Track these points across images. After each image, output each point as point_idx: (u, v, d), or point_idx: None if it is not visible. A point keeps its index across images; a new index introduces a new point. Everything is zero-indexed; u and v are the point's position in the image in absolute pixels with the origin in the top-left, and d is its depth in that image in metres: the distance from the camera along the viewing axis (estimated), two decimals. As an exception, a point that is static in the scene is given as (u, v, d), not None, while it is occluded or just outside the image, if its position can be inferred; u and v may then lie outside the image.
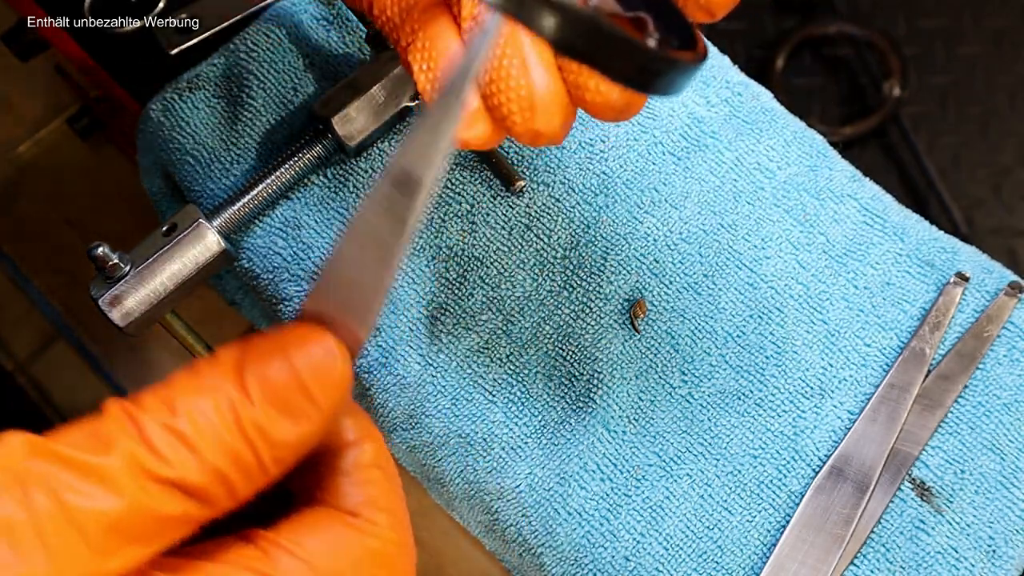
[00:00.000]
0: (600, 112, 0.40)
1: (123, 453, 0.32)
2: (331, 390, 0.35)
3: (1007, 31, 0.91)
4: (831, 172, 0.60)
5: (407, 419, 0.57)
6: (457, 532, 0.68)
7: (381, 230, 0.37)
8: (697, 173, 0.59)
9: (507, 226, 0.57)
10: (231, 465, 0.33)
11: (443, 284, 0.57)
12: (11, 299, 0.88)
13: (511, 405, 0.55)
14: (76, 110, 0.84)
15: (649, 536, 0.53)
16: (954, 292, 0.57)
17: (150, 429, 0.33)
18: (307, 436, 0.35)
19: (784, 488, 0.54)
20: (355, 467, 0.38)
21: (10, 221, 0.85)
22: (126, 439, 0.33)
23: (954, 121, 0.88)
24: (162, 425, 0.33)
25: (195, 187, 0.59)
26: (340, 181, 0.58)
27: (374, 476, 0.38)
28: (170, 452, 0.33)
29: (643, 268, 0.57)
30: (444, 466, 0.56)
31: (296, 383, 0.34)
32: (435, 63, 0.41)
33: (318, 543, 0.35)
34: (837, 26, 0.89)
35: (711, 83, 0.61)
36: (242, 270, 0.59)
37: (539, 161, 0.58)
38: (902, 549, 0.53)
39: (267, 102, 0.59)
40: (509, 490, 0.55)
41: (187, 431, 0.33)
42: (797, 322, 0.57)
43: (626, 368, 0.56)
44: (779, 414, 0.55)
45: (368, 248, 0.37)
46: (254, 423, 0.34)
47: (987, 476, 0.54)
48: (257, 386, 0.34)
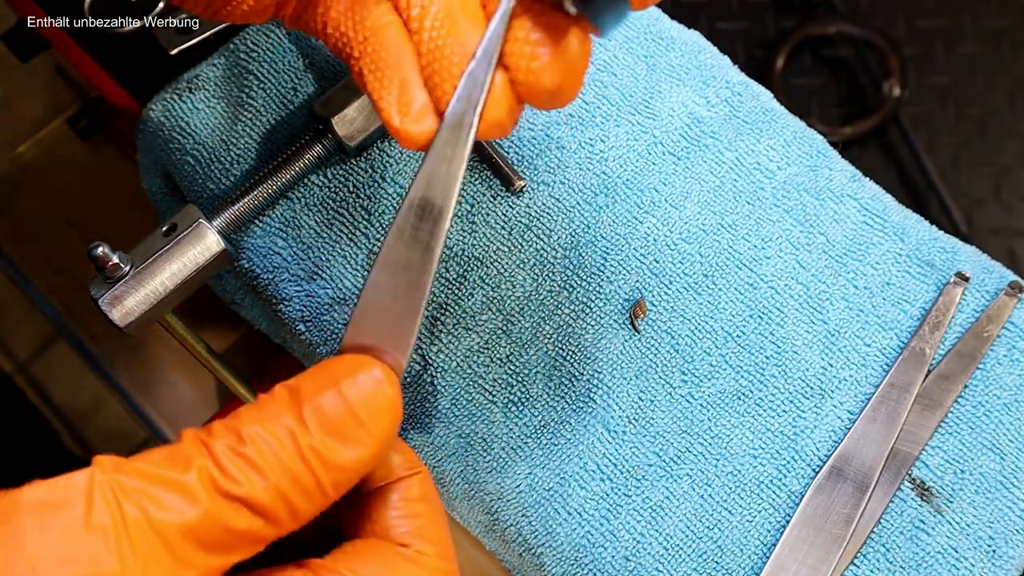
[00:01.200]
0: (533, 96, 0.40)
1: (199, 470, 0.36)
2: (381, 416, 0.38)
3: (1007, 31, 0.91)
4: (831, 172, 0.60)
5: (407, 419, 0.57)
6: (457, 532, 0.68)
7: (409, 259, 0.40)
8: (697, 173, 0.59)
9: (507, 226, 0.57)
10: (292, 485, 0.37)
11: (443, 284, 0.57)
12: (11, 299, 0.87)
13: (511, 405, 0.55)
14: (76, 110, 0.84)
15: (649, 536, 0.53)
16: (954, 292, 0.57)
17: (220, 452, 0.37)
18: (361, 460, 0.38)
19: (784, 488, 0.54)
20: (404, 501, 0.41)
21: (10, 221, 0.85)
22: (201, 459, 0.36)
23: (954, 121, 0.88)
24: (231, 449, 0.37)
25: (195, 187, 0.59)
26: (340, 181, 0.58)
27: (422, 509, 0.41)
28: (238, 472, 0.36)
29: (643, 268, 0.57)
30: (444, 466, 0.56)
31: (348, 411, 0.38)
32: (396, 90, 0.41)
33: (371, 570, 0.39)
34: (837, 26, 0.89)
35: (711, 83, 0.61)
36: (242, 270, 0.59)
37: (539, 161, 0.58)
38: (902, 549, 0.53)
39: (267, 102, 0.59)
40: (509, 490, 0.55)
41: (252, 455, 0.37)
42: (797, 322, 0.57)
43: (626, 368, 0.56)
44: (779, 414, 0.55)
45: (399, 276, 0.40)
46: (312, 448, 0.37)
47: (987, 476, 0.54)
48: (313, 416, 0.37)
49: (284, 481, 0.37)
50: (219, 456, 0.36)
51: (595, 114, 0.59)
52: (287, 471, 0.37)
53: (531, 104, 0.41)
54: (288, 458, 0.37)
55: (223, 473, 0.36)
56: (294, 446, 0.37)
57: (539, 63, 0.38)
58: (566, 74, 0.39)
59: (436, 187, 0.40)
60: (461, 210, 0.57)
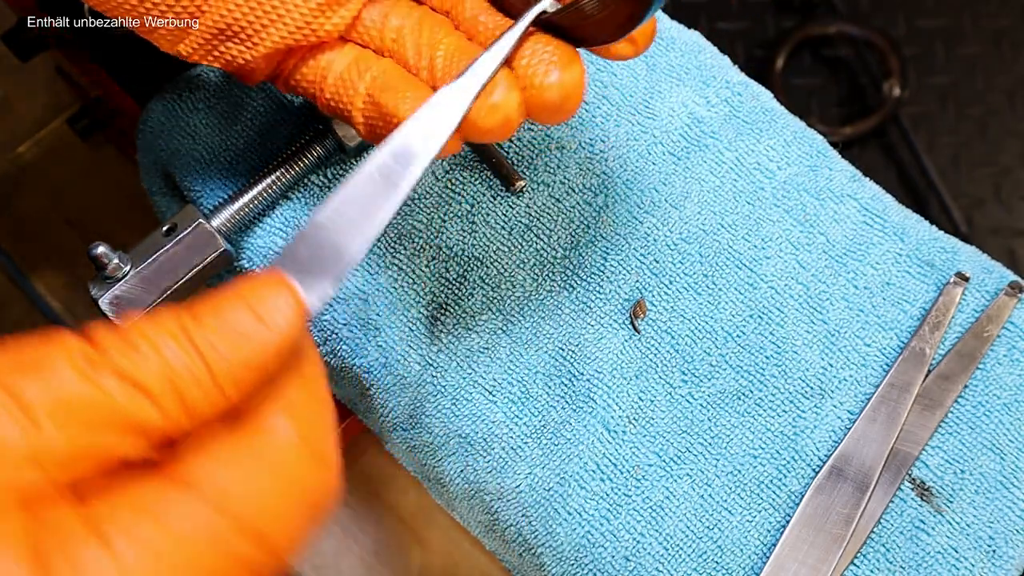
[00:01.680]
0: (538, 107, 0.43)
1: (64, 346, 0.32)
2: (281, 313, 0.35)
3: (1007, 31, 0.91)
4: (831, 172, 0.60)
5: (407, 419, 0.57)
6: (458, 532, 0.68)
7: (373, 192, 0.39)
8: (697, 173, 0.59)
9: (507, 226, 0.57)
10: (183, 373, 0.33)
11: (443, 284, 0.57)
12: (11, 299, 0.87)
13: (511, 405, 0.55)
14: (76, 110, 0.84)
15: (649, 536, 0.53)
16: (954, 292, 0.57)
17: (95, 333, 0.33)
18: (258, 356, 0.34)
19: (784, 488, 0.54)
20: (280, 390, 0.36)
21: (10, 221, 0.85)
22: (71, 337, 0.32)
23: (954, 121, 0.88)
24: (109, 331, 0.33)
25: (195, 187, 0.59)
26: (340, 181, 0.58)
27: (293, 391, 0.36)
28: (115, 349, 0.33)
29: (643, 268, 0.57)
30: (444, 466, 0.56)
31: (246, 307, 0.35)
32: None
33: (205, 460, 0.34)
34: (837, 26, 0.89)
35: (711, 83, 0.61)
36: (242, 270, 0.59)
37: (539, 161, 0.58)
38: (902, 549, 0.53)
39: (267, 102, 0.59)
40: (509, 490, 0.55)
41: (135, 338, 0.33)
42: (797, 322, 0.57)
43: (626, 368, 0.56)
44: (779, 414, 0.55)
45: (352, 209, 0.38)
46: (205, 340, 0.33)
47: (987, 476, 0.54)
48: (208, 312, 0.34)
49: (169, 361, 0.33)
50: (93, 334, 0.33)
51: (595, 114, 0.59)
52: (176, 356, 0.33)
53: (532, 116, 0.43)
54: (177, 345, 0.33)
55: (96, 347, 0.33)
56: (185, 337, 0.33)
57: (551, 79, 0.42)
58: (570, 96, 0.42)
59: (418, 137, 0.40)
60: (461, 210, 0.57)
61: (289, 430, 0.35)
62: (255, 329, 0.34)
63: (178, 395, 0.33)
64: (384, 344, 0.56)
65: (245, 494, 0.33)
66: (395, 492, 0.69)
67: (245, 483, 0.33)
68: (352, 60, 0.46)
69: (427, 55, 0.45)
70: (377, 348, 0.56)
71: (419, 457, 0.58)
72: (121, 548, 0.31)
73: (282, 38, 0.46)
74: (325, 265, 0.38)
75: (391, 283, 0.56)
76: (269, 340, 0.34)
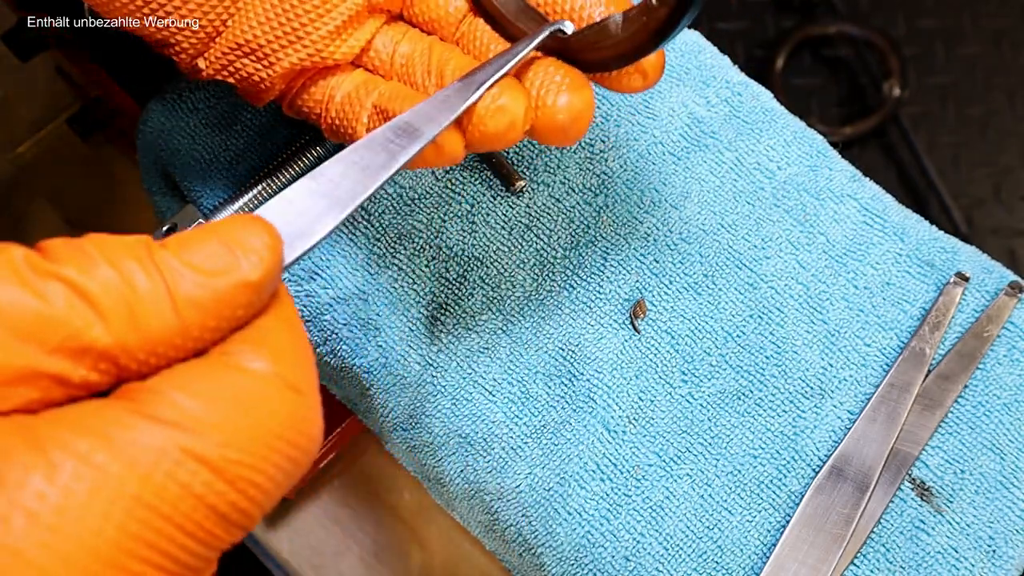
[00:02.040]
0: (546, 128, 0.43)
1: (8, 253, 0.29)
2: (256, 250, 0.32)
3: (1007, 31, 0.91)
4: (831, 172, 0.60)
5: (407, 419, 0.57)
6: (457, 532, 0.68)
7: (370, 161, 0.38)
8: (697, 173, 0.59)
9: (507, 226, 0.57)
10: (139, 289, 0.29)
11: (443, 284, 0.57)
12: (11, 299, 0.87)
13: (511, 405, 0.55)
14: (76, 110, 0.84)
15: (649, 536, 0.53)
16: (954, 292, 0.57)
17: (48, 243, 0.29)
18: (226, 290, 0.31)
19: (784, 488, 0.54)
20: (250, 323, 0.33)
21: (10, 221, 0.85)
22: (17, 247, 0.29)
23: (954, 121, 0.88)
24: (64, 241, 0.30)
25: (195, 187, 0.59)
26: (340, 181, 0.58)
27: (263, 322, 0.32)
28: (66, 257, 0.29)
29: (643, 268, 0.57)
30: (444, 466, 0.56)
31: (219, 240, 0.31)
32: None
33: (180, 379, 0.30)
34: (837, 26, 0.89)
35: (711, 83, 0.61)
36: (242, 270, 0.59)
37: (539, 161, 0.58)
38: (902, 549, 0.53)
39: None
40: (509, 490, 0.55)
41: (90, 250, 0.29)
42: (797, 322, 0.57)
43: (626, 368, 0.56)
44: (779, 414, 0.55)
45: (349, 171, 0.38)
46: (168, 264, 0.30)
47: (987, 476, 0.54)
48: (177, 241, 0.31)
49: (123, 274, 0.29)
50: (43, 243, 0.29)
51: (595, 114, 0.59)
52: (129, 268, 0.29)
53: (537, 136, 0.43)
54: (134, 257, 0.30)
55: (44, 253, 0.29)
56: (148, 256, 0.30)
57: (561, 101, 0.42)
58: (577, 119, 0.43)
59: (423, 119, 0.40)
60: (461, 210, 0.57)
61: (261, 361, 0.31)
62: (226, 262, 0.31)
63: (129, 310, 0.29)
64: (384, 344, 0.56)
65: (209, 423, 0.29)
66: (395, 492, 0.69)
67: (209, 411, 0.29)
68: (361, 82, 0.47)
69: (436, 72, 0.45)
70: (377, 348, 0.56)
71: (419, 457, 0.58)
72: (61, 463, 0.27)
73: (300, 60, 0.46)
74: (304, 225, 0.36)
75: (391, 283, 0.56)
76: (240, 275, 0.31)
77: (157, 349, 0.30)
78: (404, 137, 0.39)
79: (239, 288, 0.31)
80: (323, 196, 0.37)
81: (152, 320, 0.29)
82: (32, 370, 0.28)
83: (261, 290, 0.32)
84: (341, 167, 0.38)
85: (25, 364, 0.28)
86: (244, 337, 0.32)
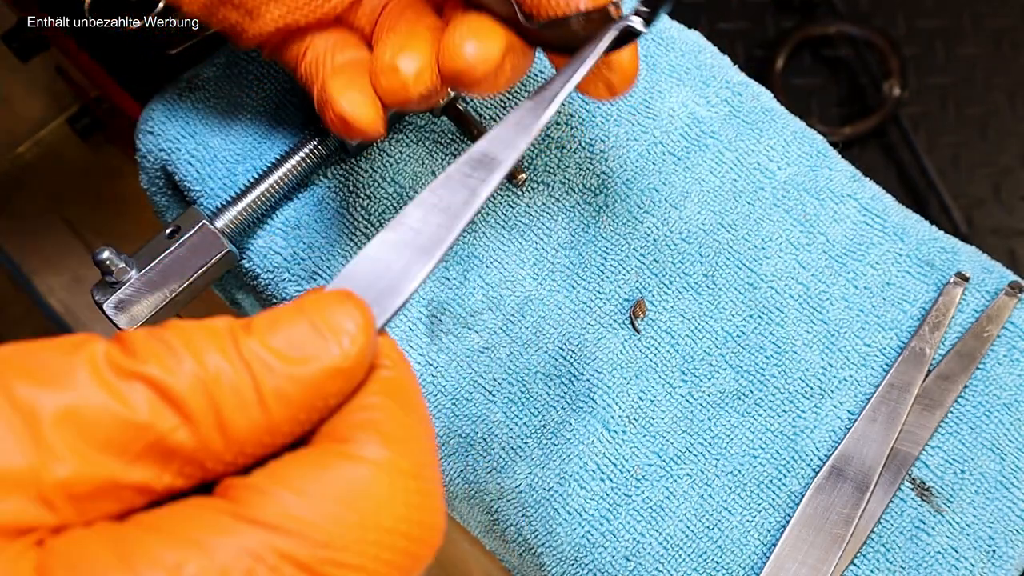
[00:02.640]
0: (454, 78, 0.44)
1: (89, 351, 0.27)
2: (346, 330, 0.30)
3: (1007, 31, 0.91)
4: (831, 172, 0.60)
5: (407, 419, 0.57)
6: (458, 532, 0.68)
7: (450, 201, 0.36)
8: (697, 173, 0.59)
9: (507, 226, 0.57)
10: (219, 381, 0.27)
11: (443, 284, 0.57)
12: (11, 299, 0.87)
13: (511, 405, 0.55)
14: (76, 110, 0.84)
15: (649, 536, 0.53)
16: (954, 292, 0.57)
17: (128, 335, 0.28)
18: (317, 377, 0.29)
19: (784, 488, 0.54)
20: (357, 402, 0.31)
21: (10, 221, 0.85)
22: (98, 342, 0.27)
23: (954, 121, 0.88)
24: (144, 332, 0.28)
25: (195, 187, 0.59)
26: (340, 181, 0.58)
27: (376, 402, 0.30)
28: (147, 352, 0.27)
29: (643, 268, 0.57)
30: (444, 466, 0.56)
31: (307, 321, 0.29)
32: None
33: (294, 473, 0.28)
34: (837, 26, 0.89)
35: (711, 83, 0.61)
36: (242, 270, 0.59)
37: (539, 161, 0.58)
38: (902, 549, 0.53)
39: (267, 102, 0.59)
40: (509, 490, 0.55)
41: (173, 341, 0.28)
42: (797, 322, 0.57)
43: (626, 368, 0.56)
44: (779, 414, 0.55)
45: (431, 216, 0.36)
46: (254, 352, 0.28)
47: (987, 476, 0.54)
48: (262, 323, 0.29)
49: (208, 370, 0.27)
50: (125, 336, 0.28)
51: (595, 114, 0.59)
52: (214, 362, 0.28)
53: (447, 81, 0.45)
54: (218, 349, 0.28)
55: (124, 349, 0.27)
56: (232, 344, 0.28)
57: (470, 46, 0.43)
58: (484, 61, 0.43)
59: (499, 145, 0.38)
60: (461, 210, 0.57)
61: (374, 445, 0.29)
62: (315, 346, 0.29)
63: (215, 411, 0.27)
64: (384, 344, 0.56)
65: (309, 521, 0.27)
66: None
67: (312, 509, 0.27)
68: (333, 42, 0.47)
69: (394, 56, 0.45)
70: (377, 348, 0.56)
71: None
72: None
73: (281, 15, 0.47)
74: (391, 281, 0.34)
75: (391, 283, 0.56)
76: (330, 360, 0.29)
77: (245, 449, 0.28)
78: (482, 169, 0.37)
79: (329, 375, 0.29)
80: (406, 246, 0.35)
81: (239, 420, 0.28)
82: (114, 482, 0.27)
83: (352, 377, 0.30)
84: (420, 212, 0.36)
85: (108, 476, 0.26)
86: (353, 421, 0.30)
